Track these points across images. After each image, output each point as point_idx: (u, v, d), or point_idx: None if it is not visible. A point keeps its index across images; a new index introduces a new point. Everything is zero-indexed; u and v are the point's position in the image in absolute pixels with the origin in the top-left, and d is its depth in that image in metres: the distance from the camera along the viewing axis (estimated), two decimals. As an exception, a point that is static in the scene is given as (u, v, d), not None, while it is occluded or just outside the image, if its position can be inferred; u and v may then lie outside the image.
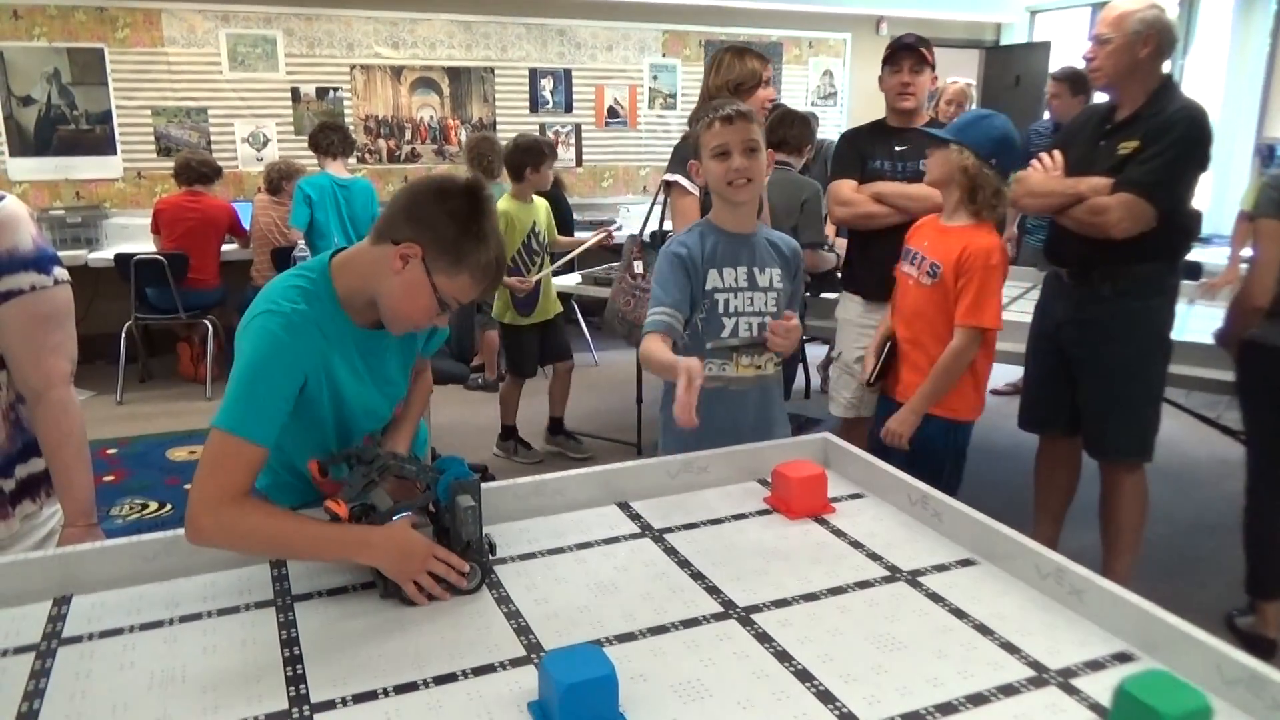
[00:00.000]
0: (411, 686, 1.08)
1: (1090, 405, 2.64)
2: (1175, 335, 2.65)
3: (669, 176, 2.83)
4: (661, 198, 3.25)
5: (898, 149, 2.91)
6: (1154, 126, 2.42)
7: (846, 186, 2.97)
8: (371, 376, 1.49)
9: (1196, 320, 3.38)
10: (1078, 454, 2.83)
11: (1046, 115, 4.97)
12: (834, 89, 7.74)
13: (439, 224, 1.34)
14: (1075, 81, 4.49)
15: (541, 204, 4.22)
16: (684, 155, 2.85)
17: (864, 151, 2.99)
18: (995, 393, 4.86)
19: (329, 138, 4.93)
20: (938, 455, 2.41)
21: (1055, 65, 6.87)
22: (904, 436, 2.40)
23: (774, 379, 2.08)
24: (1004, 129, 2.35)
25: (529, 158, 4.07)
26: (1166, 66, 2.55)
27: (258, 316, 1.34)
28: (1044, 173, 2.61)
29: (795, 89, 7.56)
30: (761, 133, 1.93)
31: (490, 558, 1.35)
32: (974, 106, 5.26)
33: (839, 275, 3.41)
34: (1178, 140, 2.38)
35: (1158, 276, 2.54)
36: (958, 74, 5.15)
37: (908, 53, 2.88)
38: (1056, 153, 2.63)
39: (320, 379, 1.40)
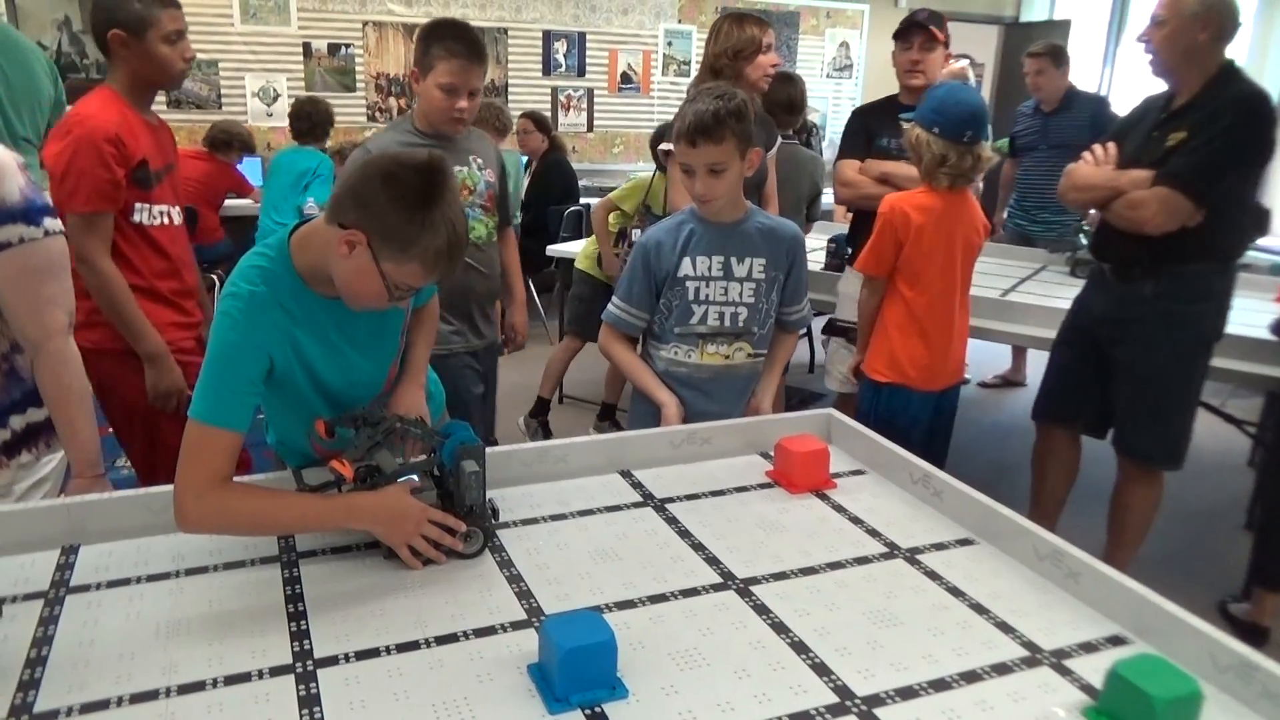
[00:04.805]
0: (413, 645, 1.09)
1: (1122, 405, 2.56)
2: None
3: (665, 146, 2.82)
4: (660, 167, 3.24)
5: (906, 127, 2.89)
6: (1203, 116, 2.29)
7: (850, 168, 2.97)
8: (349, 344, 1.45)
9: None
10: (1078, 449, 2.78)
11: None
12: (850, 61, 7.65)
13: (384, 211, 1.26)
14: (1056, 54, 4.40)
15: None
16: None
17: (872, 129, 2.96)
18: (983, 385, 4.88)
19: (295, 126, 4.87)
20: (861, 407, 2.52)
21: (1075, 43, 6.82)
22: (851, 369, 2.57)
23: (743, 370, 2.01)
24: (945, 94, 2.37)
25: (656, 139, 4.07)
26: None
27: (221, 300, 1.33)
28: (1092, 165, 2.51)
29: (811, 60, 7.48)
30: (736, 143, 1.82)
31: (493, 523, 1.36)
32: (971, 85, 5.20)
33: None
34: (1224, 131, 2.25)
35: (1204, 278, 2.41)
36: (977, 51, 5.09)
37: (918, 30, 2.85)
38: (1111, 144, 2.51)
39: (289, 357, 1.37)
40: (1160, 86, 2.48)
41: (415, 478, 1.34)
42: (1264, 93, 2.32)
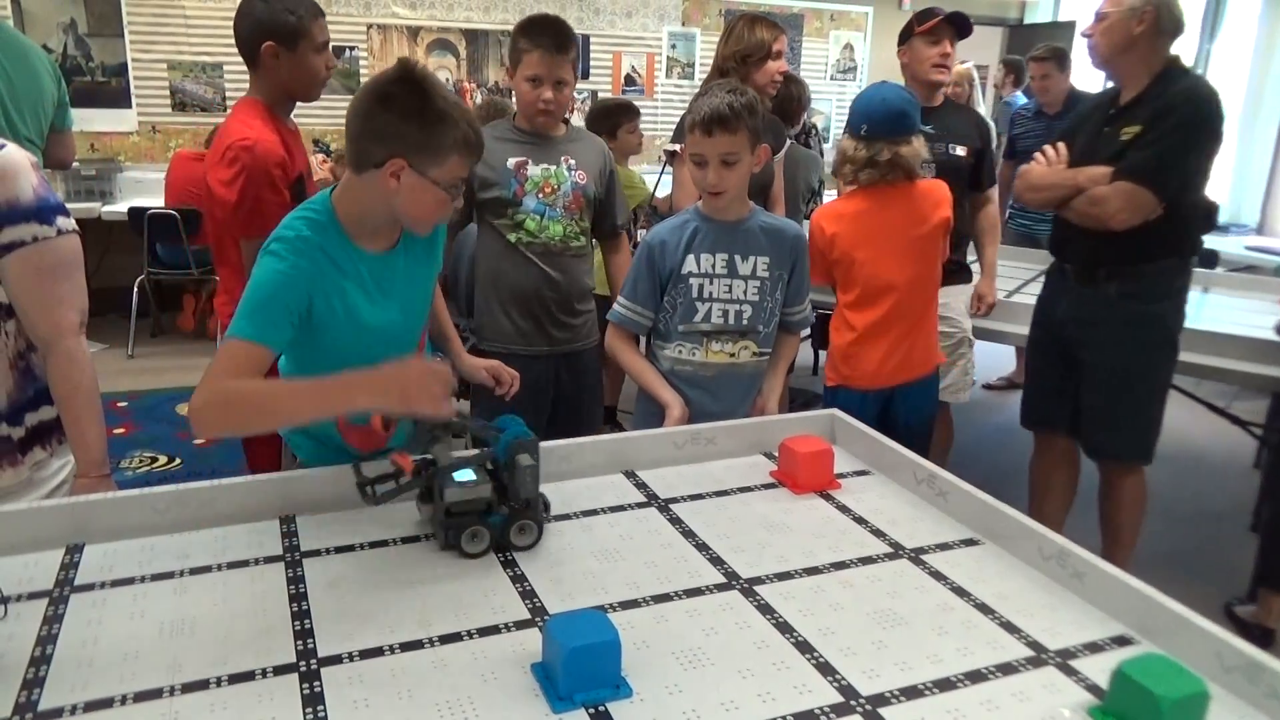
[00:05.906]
0: (417, 644, 1.09)
1: (1091, 407, 2.57)
2: (1189, 323, 2.55)
3: (670, 146, 2.82)
4: (667, 167, 3.24)
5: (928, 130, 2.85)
6: (1155, 109, 2.33)
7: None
8: (387, 297, 1.52)
9: (1210, 309, 3.36)
10: (1076, 457, 2.75)
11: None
12: (854, 63, 7.66)
13: (400, 130, 1.35)
14: (1060, 58, 4.42)
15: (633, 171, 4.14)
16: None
17: None
18: (987, 387, 4.88)
19: None
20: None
21: (1080, 45, 6.81)
22: None
23: (748, 369, 2.02)
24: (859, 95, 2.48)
25: (603, 123, 4.08)
26: (1184, 49, 2.46)
27: (267, 245, 1.41)
28: (1046, 166, 2.53)
29: (815, 62, 7.49)
30: (748, 136, 1.87)
31: (547, 515, 1.37)
32: (977, 90, 5.20)
33: None
34: (1179, 124, 2.29)
35: (1167, 277, 2.44)
36: (980, 52, 5.09)
37: (951, 26, 2.85)
38: (1061, 144, 2.54)
39: (331, 302, 1.43)
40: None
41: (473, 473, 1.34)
42: (1211, 87, 2.36)
